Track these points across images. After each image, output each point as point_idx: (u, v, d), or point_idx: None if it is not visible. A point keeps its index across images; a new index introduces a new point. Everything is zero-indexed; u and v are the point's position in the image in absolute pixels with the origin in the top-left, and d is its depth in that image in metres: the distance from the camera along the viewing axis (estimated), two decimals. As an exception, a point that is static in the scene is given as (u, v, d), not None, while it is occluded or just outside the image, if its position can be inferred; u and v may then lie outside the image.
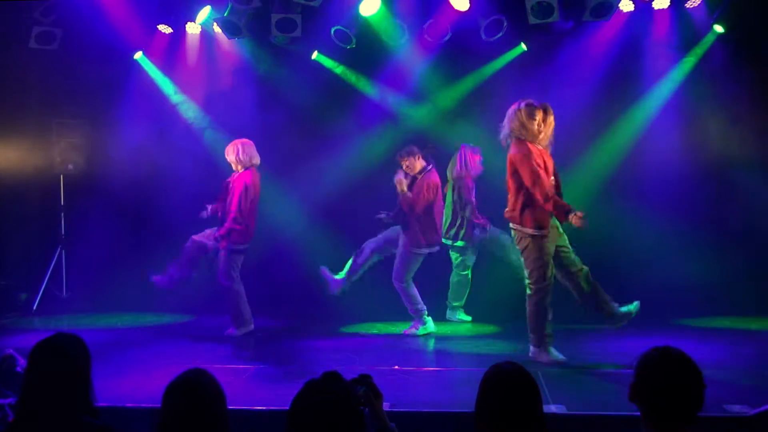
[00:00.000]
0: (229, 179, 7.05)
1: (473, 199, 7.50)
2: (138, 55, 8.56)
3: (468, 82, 8.46)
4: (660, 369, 2.42)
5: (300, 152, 8.39)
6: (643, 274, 7.45)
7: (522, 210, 5.62)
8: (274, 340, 7.09)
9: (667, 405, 2.39)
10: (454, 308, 7.67)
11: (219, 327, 7.41)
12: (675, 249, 7.47)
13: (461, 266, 7.61)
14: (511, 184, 5.70)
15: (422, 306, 6.94)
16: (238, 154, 6.93)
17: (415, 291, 6.95)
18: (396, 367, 5.68)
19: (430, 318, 6.99)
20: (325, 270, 7.18)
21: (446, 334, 7.03)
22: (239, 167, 6.96)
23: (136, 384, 5.10)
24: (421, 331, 6.90)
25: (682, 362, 2.43)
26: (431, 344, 6.63)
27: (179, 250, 7.34)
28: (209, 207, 7.07)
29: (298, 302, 7.81)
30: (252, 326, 7.06)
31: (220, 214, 6.98)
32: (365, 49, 8.09)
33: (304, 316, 7.72)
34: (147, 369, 5.58)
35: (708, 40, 7.83)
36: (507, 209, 5.76)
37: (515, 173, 5.64)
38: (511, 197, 5.70)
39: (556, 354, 5.70)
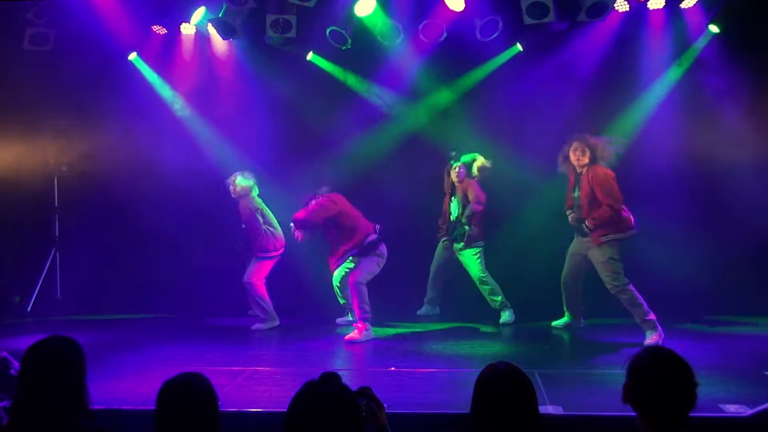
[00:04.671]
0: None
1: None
2: (132, 56, 8.55)
3: (463, 83, 8.46)
4: (650, 369, 2.43)
5: (295, 153, 8.39)
6: (639, 275, 7.46)
7: None
8: (270, 342, 7.09)
9: (659, 405, 2.39)
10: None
11: (214, 329, 7.42)
12: (671, 249, 7.49)
13: None
14: None
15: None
16: None
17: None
18: (392, 368, 5.69)
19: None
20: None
21: (442, 336, 7.03)
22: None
23: (131, 386, 5.09)
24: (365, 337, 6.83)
25: (671, 361, 2.44)
26: (427, 345, 6.63)
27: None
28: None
29: (294, 303, 7.81)
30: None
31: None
32: (360, 50, 8.09)
33: (299, 318, 7.72)
34: (142, 371, 5.58)
35: (703, 40, 7.85)
36: None
37: None
38: None
39: None
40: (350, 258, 7.01)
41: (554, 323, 7.24)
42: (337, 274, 7.25)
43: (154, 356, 6.21)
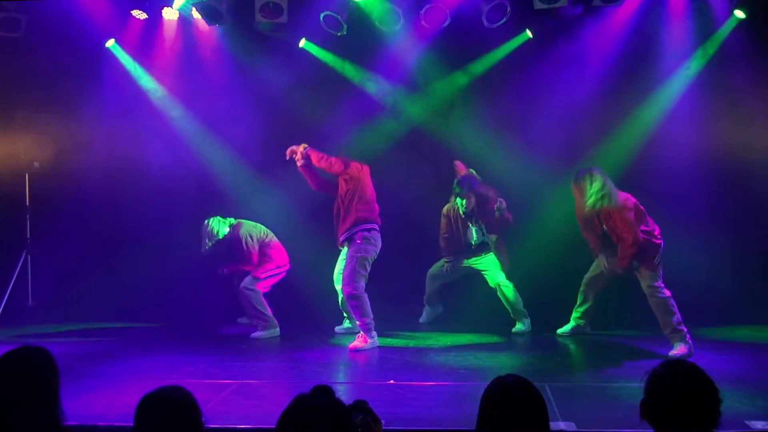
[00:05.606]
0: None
1: None
2: (110, 43, 8.54)
3: (468, 73, 8.47)
4: (669, 384, 2.42)
5: (286, 147, 8.38)
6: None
7: None
8: (259, 352, 7.09)
9: (679, 423, 2.38)
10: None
11: (198, 338, 7.42)
12: (692, 252, 7.49)
13: None
14: None
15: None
16: None
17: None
18: (391, 381, 5.68)
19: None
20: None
21: (446, 346, 7.04)
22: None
23: (108, 401, 5.08)
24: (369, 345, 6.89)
25: (692, 376, 2.43)
26: (429, 357, 6.63)
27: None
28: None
29: (285, 311, 7.79)
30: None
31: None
32: (357, 37, 8.09)
33: (291, 327, 7.71)
34: (120, 384, 5.57)
35: (728, 26, 7.86)
36: None
37: None
38: None
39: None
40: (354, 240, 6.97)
41: (559, 330, 7.28)
42: (336, 272, 7.27)
43: (132, 368, 6.21)
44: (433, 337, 7.40)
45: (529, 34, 8.14)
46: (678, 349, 6.22)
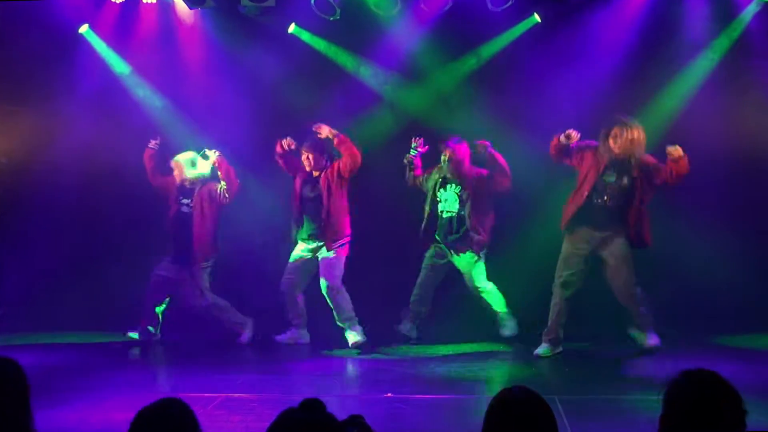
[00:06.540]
0: None
1: None
2: (84, 29, 8.53)
3: (471, 60, 8.47)
4: (689, 396, 2.42)
5: (275, 142, 8.38)
6: (676, 285, 7.48)
7: None
8: (245, 364, 7.09)
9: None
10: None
11: (181, 348, 7.42)
12: (713, 255, 7.51)
13: None
14: None
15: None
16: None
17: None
18: (388, 394, 5.69)
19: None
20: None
21: (447, 355, 7.05)
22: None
23: (82, 416, 5.08)
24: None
25: (715, 386, 2.44)
26: (429, 368, 6.64)
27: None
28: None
29: (274, 320, 7.80)
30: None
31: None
32: (351, 22, 8.10)
33: (282, 334, 7.72)
34: (95, 398, 5.57)
35: (750, 11, 7.87)
36: None
37: None
38: None
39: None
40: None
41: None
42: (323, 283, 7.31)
43: (109, 381, 6.21)
44: (434, 346, 7.40)
45: (537, 18, 8.14)
46: (654, 338, 6.72)
